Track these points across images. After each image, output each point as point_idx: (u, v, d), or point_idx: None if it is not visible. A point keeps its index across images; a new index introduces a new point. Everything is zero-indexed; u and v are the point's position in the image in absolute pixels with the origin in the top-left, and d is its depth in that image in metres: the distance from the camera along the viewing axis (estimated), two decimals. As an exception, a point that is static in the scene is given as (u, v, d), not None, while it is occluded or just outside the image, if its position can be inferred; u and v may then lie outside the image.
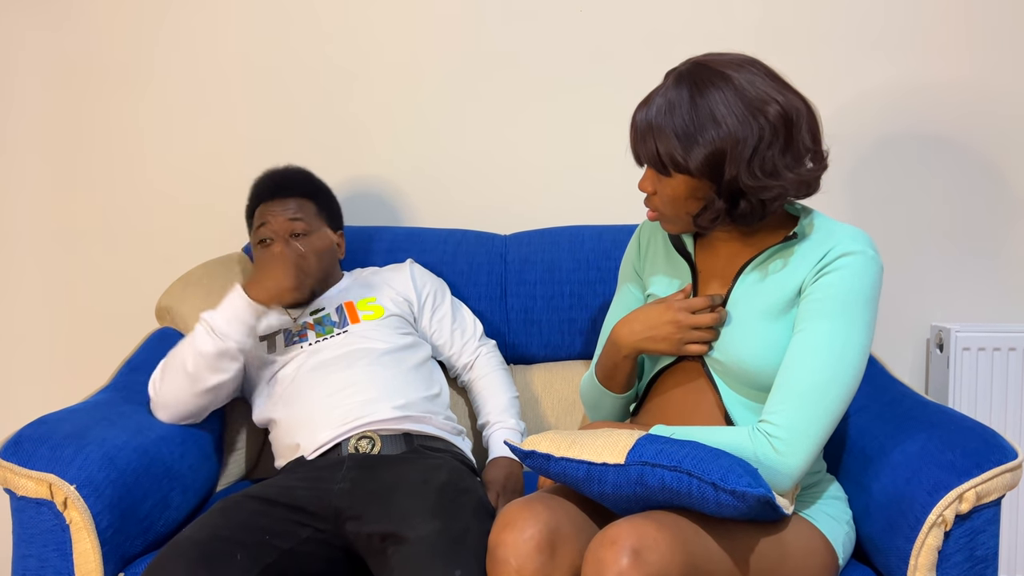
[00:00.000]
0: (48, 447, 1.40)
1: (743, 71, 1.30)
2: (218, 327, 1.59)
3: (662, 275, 1.50)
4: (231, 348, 1.59)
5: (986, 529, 1.32)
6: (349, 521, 1.44)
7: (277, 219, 1.78)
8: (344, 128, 2.15)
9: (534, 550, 1.22)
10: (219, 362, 1.60)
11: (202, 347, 1.59)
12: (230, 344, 1.59)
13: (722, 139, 1.27)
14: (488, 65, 2.12)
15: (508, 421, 1.77)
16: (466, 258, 1.98)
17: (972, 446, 1.33)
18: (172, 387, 1.60)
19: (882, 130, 2.10)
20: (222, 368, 1.60)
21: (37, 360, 2.23)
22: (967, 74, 2.07)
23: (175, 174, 2.18)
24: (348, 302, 1.80)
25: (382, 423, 1.61)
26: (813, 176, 1.33)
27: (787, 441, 1.25)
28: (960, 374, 2.01)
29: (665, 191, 1.35)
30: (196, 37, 2.15)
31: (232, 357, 1.61)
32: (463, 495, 1.47)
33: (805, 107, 1.32)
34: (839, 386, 1.28)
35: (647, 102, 1.34)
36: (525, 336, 1.96)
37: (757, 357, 1.34)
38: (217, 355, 1.59)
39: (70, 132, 2.18)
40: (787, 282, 1.35)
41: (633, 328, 1.42)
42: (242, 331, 1.60)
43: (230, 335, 1.59)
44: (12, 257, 2.22)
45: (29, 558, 1.40)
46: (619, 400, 1.51)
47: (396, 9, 2.12)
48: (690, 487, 1.17)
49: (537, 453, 1.29)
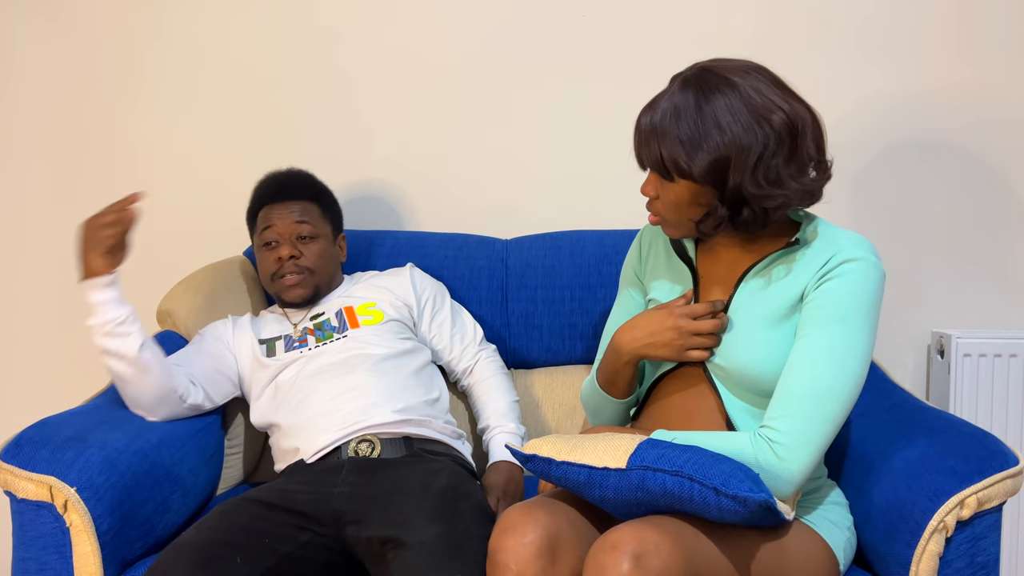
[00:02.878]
0: (49, 450, 1.40)
1: (749, 78, 1.30)
2: (92, 325, 1.54)
3: (663, 280, 1.50)
4: (99, 329, 1.52)
5: (987, 535, 1.32)
6: (349, 525, 1.44)
7: (283, 222, 1.78)
8: (346, 132, 2.16)
9: (534, 555, 1.21)
10: (114, 339, 1.52)
11: (100, 348, 1.53)
12: (96, 329, 1.52)
13: (727, 146, 1.27)
14: (489, 70, 2.12)
15: (508, 425, 1.77)
16: (467, 262, 1.98)
17: (973, 452, 1.33)
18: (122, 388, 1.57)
19: (883, 137, 2.10)
20: (120, 344, 1.52)
21: (38, 363, 2.23)
22: (969, 81, 2.08)
23: (176, 178, 2.18)
24: (348, 307, 1.80)
25: (382, 427, 1.61)
26: (817, 186, 1.33)
27: (789, 447, 1.25)
28: (961, 380, 2.00)
29: (668, 196, 1.35)
30: (198, 41, 2.15)
31: (110, 333, 1.52)
32: (463, 499, 1.46)
33: (810, 116, 1.32)
34: (841, 392, 1.27)
35: (652, 106, 1.34)
36: (526, 340, 1.96)
37: (759, 363, 1.34)
38: (104, 343, 1.53)
39: (72, 136, 2.19)
40: (789, 288, 1.35)
41: (634, 334, 1.42)
42: (95, 313, 1.53)
43: (90, 323, 1.53)
44: (13, 259, 2.22)
45: (29, 561, 1.39)
46: (620, 405, 1.51)
47: (398, 13, 2.12)
48: (691, 492, 1.17)
49: (538, 457, 1.29)
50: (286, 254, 1.76)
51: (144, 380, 1.56)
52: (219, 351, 1.75)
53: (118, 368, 1.55)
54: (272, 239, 1.78)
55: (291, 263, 1.76)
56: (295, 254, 1.77)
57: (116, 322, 1.53)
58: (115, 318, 1.53)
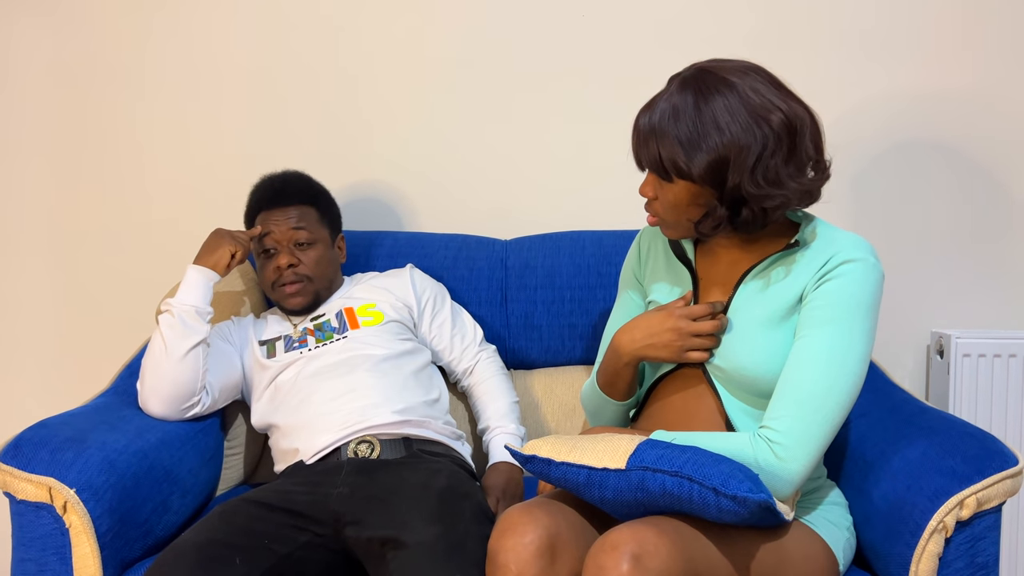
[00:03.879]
0: (48, 451, 1.40)
1: (747, 78, 1.30)
2: (175, 300, 1.66)
3: (663, 282, 1.50)
4: (188, 310, 1.65)
5: (987, 536, 1.32)
6: (348, 526, 1.44)
7: (280, 228, 1.78)
8: (346, 132, 2.16)
9: (534, 555, 1.21)
10: (184, 327, 1.63)
11: (167, 321, 1.64)
12: (185, 308, 1.65)
13: (725, 146, 1.27)
14: (490, 70, 2.12)
15: (508, 426, 1.77)
16: (467, 263, 1.98)
17: (973, 452, 1.33)
18: (154, 367, 1.62)
19: (883, 137, 2.10)
20: (190, 331, 1.63)
21: (37, 364, 2.23)
22: (968, 81, 2.08)
23: (176, 177, 2.18)
24: (348, 308, 1.80)
25: (381, 427, 1.61)
26: (815, 186, 1.33)
27: (788, 447, 1.25)
28: (960, 381, 2.00)
29: (666, 197, 1.35)
30: (198, 40, 2.15)
31: (195, 318, 1.65)
32: (463, 500, 1.46)
33: (808, 116, 1.32)
34: (840, 393, 1.27)
35: (650, 106, 1.34)
36: (525, 341, 1.96)
37: (758, 364, 1.34)
38: (181, 321, 1.63)
39: (74, 135, 2.19)
40: (788, 289, 1.35)
41: (634, 335, 1.42)
42: (195, 293, 1.67)
43: (185, 300, 1.66)
44: (13, 260, 2.22)
45: (28, 562, 1.39)
46: (620, 407, 1.51)
47: (398, 13, 2.12)
48: (691, 492, 1.17)
49: (538, 458, 1.29)
50: (284, 263, 1.75)
51: (178, 370, 1.61)
52: (228, 352, 1.75)
53: (175, 345, 1.61)
54: (270, 246, 1.78)
55: (290, 271, 1.76)
56: (294, 262, 1.76)
57: (207, 312, 1.67)
58: (207, 309, 1.67)
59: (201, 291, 1.67)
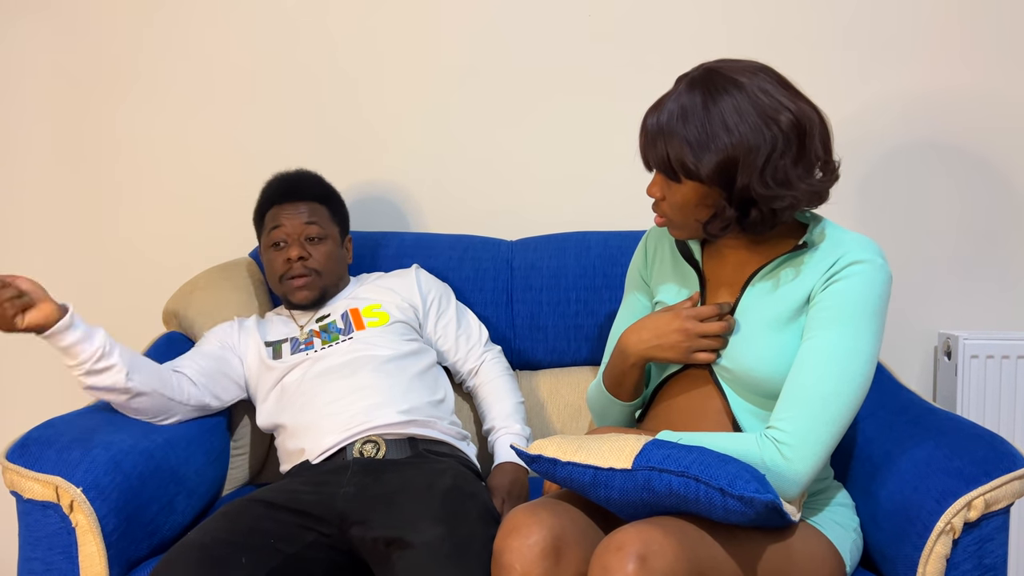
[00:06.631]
0: (55, 450, 1.40)
1: (756, 78, 1.30)
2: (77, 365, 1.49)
3: (670, 283, 1.49)
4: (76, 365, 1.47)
5: (995, 537, 1.31)
6: (354, 526, 1.44)
7: (292, 222, 1.78)
8: (351, 134, 2.16)
9: (539, 556, 1.21)
10: (90, 376, 1.49)
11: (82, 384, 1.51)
12: (72, 364, 1.47)
13: (734, 147, 1.27)
14: (495, 72, 2.12)
15: (514, 426, 1.77)
16: (472, 264, 1.98)
17: (980, 453, 1.33)
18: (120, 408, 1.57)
19: (890, 138, 2.09)
20: (98, 371, 1.48)
21: (44, 363, 2.24)
22: (975, 82, 2.07)
23: (183, 179, 2.19)
24: (354, 309, 1.80)
25: (387, 427, 1.61)
26: (824, 186, 1.33)
27: (795, 447, 1.25)
28: (968, 382, 2.00)
29: (674, 197, 1.34)
30: (203, 43, 2.15)
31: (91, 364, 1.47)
32: (468, 500, 1.46)
33: (817, 116, 1.32)
34: (847, 394, 1.27)
35: (658, 106, 1.33)
36: (531, 342, 1.96)
37: (766, 365, 1.33)
38: (85, 377, 1.49)
39: (74, 136, 2.19)
40: (796, 290, 1.34)
41: (641, 336, 1.42)
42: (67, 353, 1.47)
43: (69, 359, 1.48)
44: (19, 261, 2.22)
45: (35, 561, 1.40)
46: (627, 408, 1.50)
47: (404, 15, 2.13)
48: (697, 493, 1.17)
49: (544, 457, 1.29)
50: (295, 255, 1.76)
51: (140, 401, 1.56)
52: (222, 354, 1.75)
53: (111, 399, 1.54)
54: (281, 239, 1.78)
55: (299, 264, 1.76)
56: (304, 255, 1.77)
57: (94, 359, 1.47)
58: (92, 355, 1.46)
59: (70, 350, 1.46)
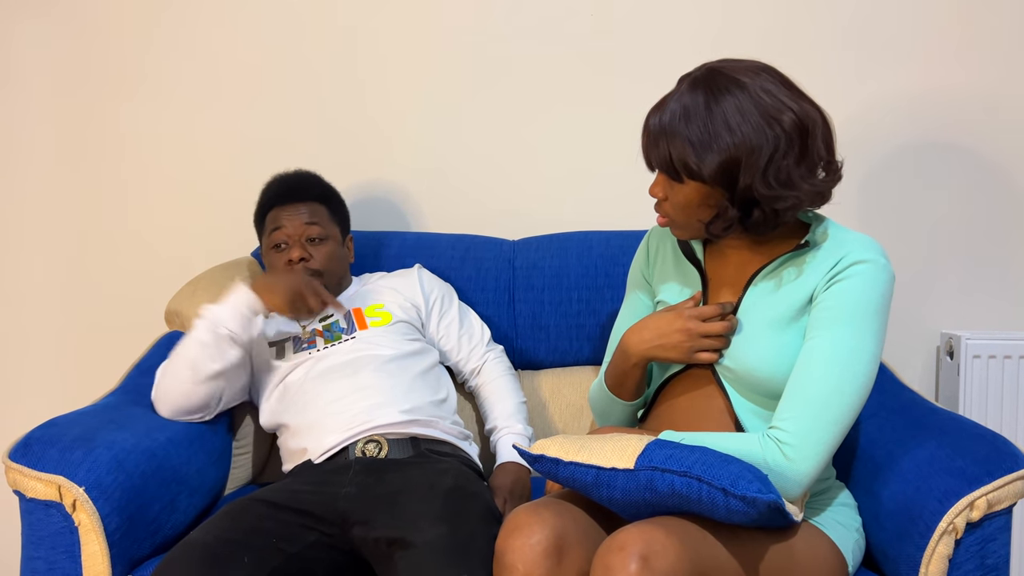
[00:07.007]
0: (58, 449, 1.40)
1: (758, 78, 1.30)
2: (217, 315, 1.61)
3: (672, 282, 1.49)
4: (225, 335, 1.61)
5: (997, 537, 1.31)
6: (356, 526, 1.44)
7: (292, 223, 1.78)
8: (354, 132, 2.16)
9: (541, 555, 1.21)
10: (217, 349, 1.60)
11: (202, 335, 1.61)
12: (222, 331, 1.60)
13: (736, 147, 1.27)
14: (498, 71, 2.12)
15: (516, 426, 1.77)
16: (474, 263, 1.98)
17: (983, 453, 1.33)
18: (174, 377, 1.61)
19: (893, 138, 2.09)
20: (220, 355, 1.61)
21: (47, 363, 2.24)
22: (977, 81, 2.07)
23: (185, 178, 2.19)
24: (356, 308, 1.80)
25: (389, 427, 1.61)
26: (827, 186, 1.33)
27: (797, 447, 1.25)
28: (970, 382, 2.00)
29: (677, 197, 1.34)
30: (207, 41, 2.15)
31: (229, 344, 1.61)
32: (470, 500, 1.46)
33: (820, 116, 1.32)
34: (850, 394, 1.27)
35: (660, 106, 1.33)
36: (533, 341, 1.96)
37: (768, 365, 1.33)
38: (215, 341, 1.60)
39: (76, 136, 2.19)
40: (798, 290, 1.34)
41: (643, 336, 1.42)
42: (238, 320, 1.61)
43: (226, 322, 1.61)
44: (22, 261, 2.23)
45: (37, 560, 1.40)
46: (629, 407, 1.50)
47: (407, 15, 2.13)
48: (700, 492, 1.17)
49: (546, 457, 1.29)
50: (296, 256, 1.76)
51: (195, 390, 1.60)
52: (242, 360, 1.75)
53: (201, 365, 1.59)
54: (282, 240, 1.78)
55: (301, 265, 1.76)
56: (305, 256, 1.77)
57: (242, 340, 1.62)
58: (249, 339, 1.63)
59: (242, 322, 1.62)
